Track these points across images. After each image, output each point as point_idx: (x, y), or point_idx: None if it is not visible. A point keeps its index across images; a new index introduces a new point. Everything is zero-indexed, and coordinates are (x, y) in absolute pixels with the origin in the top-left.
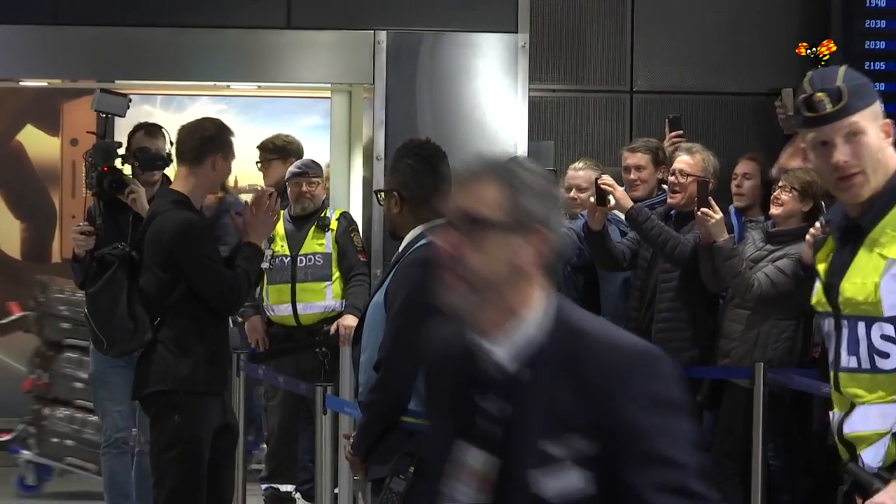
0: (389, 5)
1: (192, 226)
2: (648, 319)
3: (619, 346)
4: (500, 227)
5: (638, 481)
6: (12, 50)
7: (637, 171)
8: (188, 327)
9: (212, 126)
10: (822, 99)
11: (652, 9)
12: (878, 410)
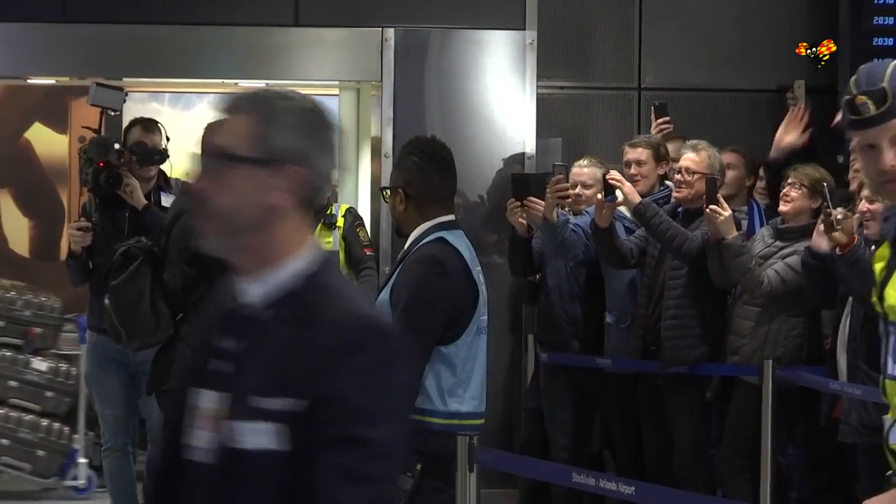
0: (397, 3)
1: None
2: (657, 317)
3: (357, 316)
4: (247, 164)
5: (324, 453)
6: (20, 48)
7: (637, 165)
8: None
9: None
10: (864, 102)
11: (660, 5)
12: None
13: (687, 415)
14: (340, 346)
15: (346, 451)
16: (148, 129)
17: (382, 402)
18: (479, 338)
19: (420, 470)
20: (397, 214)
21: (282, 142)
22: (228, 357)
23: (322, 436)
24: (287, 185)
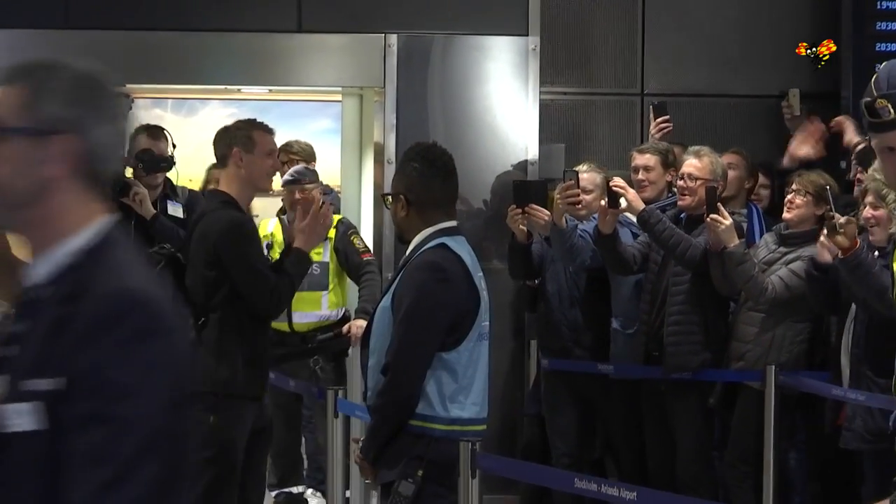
0: (400, 9)
1: (240, 225)
2: (659, 323)
3: (121, 289)
4: (17, 135)
5: (73, 432)
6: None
7: (645, 171)
8: (230, 330)
9: (235, 124)
10: (884, 105)
11: (662, 11)
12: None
13: (690, 420)
14: (98, 319)
15: (94, 429)
16: (154, 136)
17: (135, 378)
18: (480, 344)
19: (422, 476)
20: (399, 220)
21: (52, 111)
22: (15, 341)
23: (73, 414)
24: (60, 155)
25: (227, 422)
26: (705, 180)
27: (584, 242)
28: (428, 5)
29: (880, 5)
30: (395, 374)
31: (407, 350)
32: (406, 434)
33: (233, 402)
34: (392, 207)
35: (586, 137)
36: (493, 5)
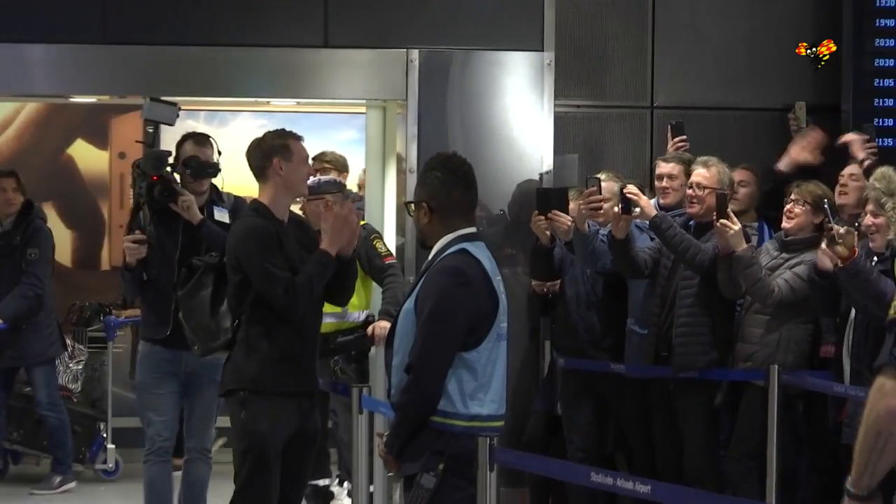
0: (422, 25)
1: (255, 231)
2: (668, 324)
3: None
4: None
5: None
6: (63, 68)
7: (669, 179)
8: (258, 329)
9: (268, 136)
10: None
11: (672, 27)
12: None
13: (697, 418)
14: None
15: None
16: (200, 143)
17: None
18: (499, 344)
19: (443, 469)
20: (421, 227)
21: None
22: None
23: None
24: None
25: (254, 416)
26: (713, 189)
27: (605, 247)
28: (448, 22)
29: (879, 23)
30: (418, 373)
31: (429, 350)
32: (428, 430)
33: (260, 398)
34: (415, 214)
35: (599, 148)
36: (510, 22)
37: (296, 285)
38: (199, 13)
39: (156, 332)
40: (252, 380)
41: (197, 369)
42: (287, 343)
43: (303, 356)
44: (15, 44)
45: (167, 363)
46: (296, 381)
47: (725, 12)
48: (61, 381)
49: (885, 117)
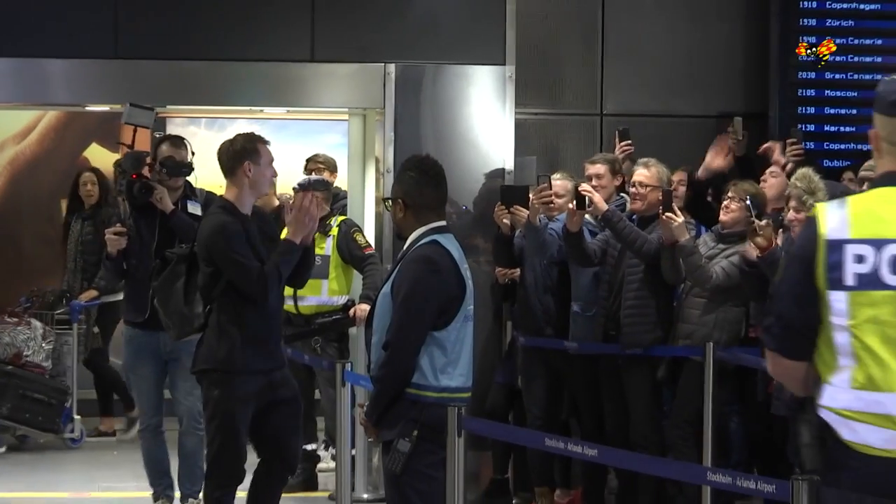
0: (398, 42)
1: (223, 227)
2: (617, 306)
3: None
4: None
5: None
6: (80, 80)
7: (597, 178)
8: (229, 314)
9: (239, 139)
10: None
11: (619, 45)
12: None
13: (642, 389)
14: None
15: None
16: (176, 144)
17: None
18: (466, 324)
19: (416, 436)
20: (397, 221)
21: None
22: None
23: None
24: None
25: (227, 395)
26: (654, 187)
27: (553, 239)
28: (421, 39)
29: (802, 39)
30: (394, 350)
31: (404, 329)
32: (403, 400)
33: (232, 378)
34: (391, 209)
35: (554, 151)
36: (476, 40)
37: (265, 273)
38: (201, 32)
39: (135, 315)
40: (223, 360)
41: (176, 348)
42: (255, 326)
43: (269, 337)
44: (38, 58)
45: (147, 344)
46: (264, 359)
47: (666, 32)
48: (35, 360)
49: (807, 123)
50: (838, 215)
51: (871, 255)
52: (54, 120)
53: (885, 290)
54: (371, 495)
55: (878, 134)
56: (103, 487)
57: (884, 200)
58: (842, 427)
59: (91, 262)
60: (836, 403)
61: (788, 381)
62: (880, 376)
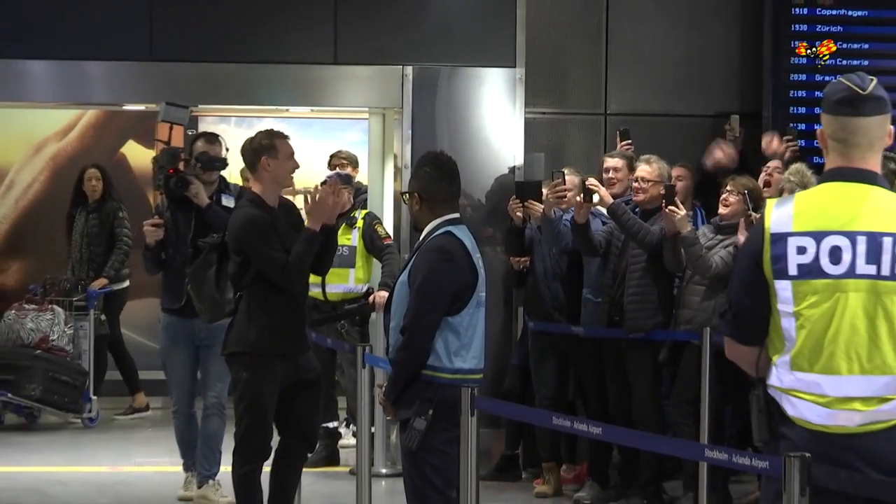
0: (415, 45)
1: (251, 220)
2: (620, 293)
3: None
4: None
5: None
6: (118, 81)
7: (615, 171)
8: (257, 300)
9: (258, 136)
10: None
11: (622, 49)
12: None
13: (644, 371)
14: None
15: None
16: (210, 141)
17: None
18: (478, 310)
19: (432, 415)
20: (414, 213)
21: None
22: None
23: None
24: None
25: (255, 377)
26: (655, 181)
27: (567, 229)
28: (436, 43)
29: (793, 44)
30: (410, 334)
31: (420, 315)
32: (419, 381)
33: (260, 360)
34: (409, 202)
35: (561, 148)
36: (488, 43)
37: (290, 264)
38: (231, 36)
39: (172, 302)
40: (252, 344)
41: (209, 335)
42: (281, 312)
43: (294, 322)
44: (78, 61)
45: (183, 330)
46: (290, 343)
47: (666, 37)
48: (59, 344)
49: (799, 122)
50: (784, 211)
51: (811, 247)
52: (93, 118)
53: (825, 279)
54: (389, 470)
55: (824, 132)
56: (139, 462)
57: (828, 195)
58: (785, 403)
59: (97, 253)
60: (780, 383)
61: (742, 363)
62: (817, 359)
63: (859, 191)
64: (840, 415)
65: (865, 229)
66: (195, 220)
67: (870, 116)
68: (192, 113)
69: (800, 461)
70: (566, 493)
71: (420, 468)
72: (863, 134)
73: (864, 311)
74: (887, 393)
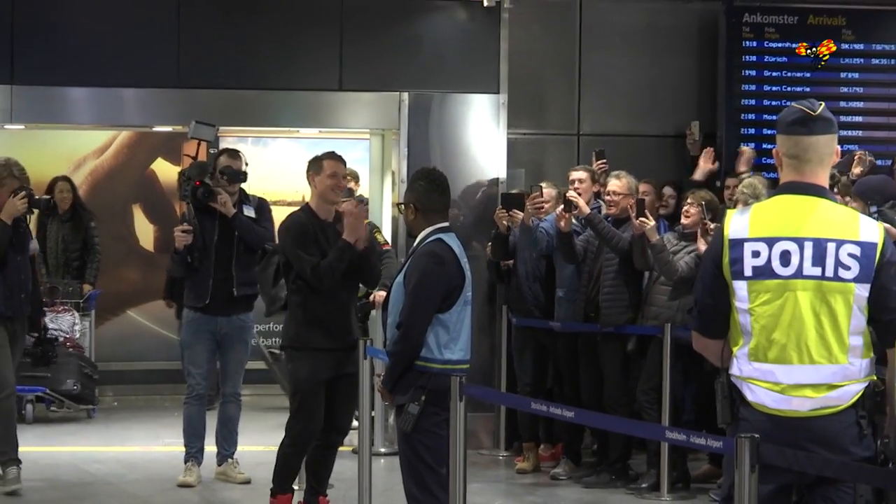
0: (411, 75)
1: (291, 225)
2: (595, 292)
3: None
4: None
5: None
6: (148, 105)
7: (579, 182)
8: (297, 298)
9: (316, 155)
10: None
11: (593, 76)
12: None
13: (615, 361)
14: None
15: None
16: (233, 156)
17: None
18: (465, 308)
19: (424, 400)
20: (409, 222)
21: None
22: None
23: None
24: None
25: (296, 367)
26: (625, 194)
27: (542, 236)
28: (429, 73)
29: (744, 73)
30: (405, 329)
31: (414, 312)
32: (413, 370)
33: (302, 353)
34: (404, 212)
35: (539, 165)
36: (475, 73)
37: (319, 266)
38: (249, 65)
39: (197, 301)
40: (292, 338)
41: (229, 331)
42: (317, 310)
43: (333, 320)
44: (113, 88)
45: (206, 325)
46: (328, 339)
47: (632, 66)
48: (81, 343)
49: (749, 141)
50: (742, 219)
51: (764, 251)
52: (127, 139)
53: (776, 279)
54: (387, 449)
55: (779, 151)
56: (167, 443)
57: (780, 205)
58: (745, 390)
59: (73, 258)
60: (740, 372)
61: (708, 354)
62: (772, 351)
63: (809, 202)
64: (793, 400)
65: (812, 235)
66: (219, 227)
67: (820, 135)
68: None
69: (749, 441)
70: (544, 469)
71: (414, 448)
72: (813, 150)
73: (811, 308)
74: (835, 381)
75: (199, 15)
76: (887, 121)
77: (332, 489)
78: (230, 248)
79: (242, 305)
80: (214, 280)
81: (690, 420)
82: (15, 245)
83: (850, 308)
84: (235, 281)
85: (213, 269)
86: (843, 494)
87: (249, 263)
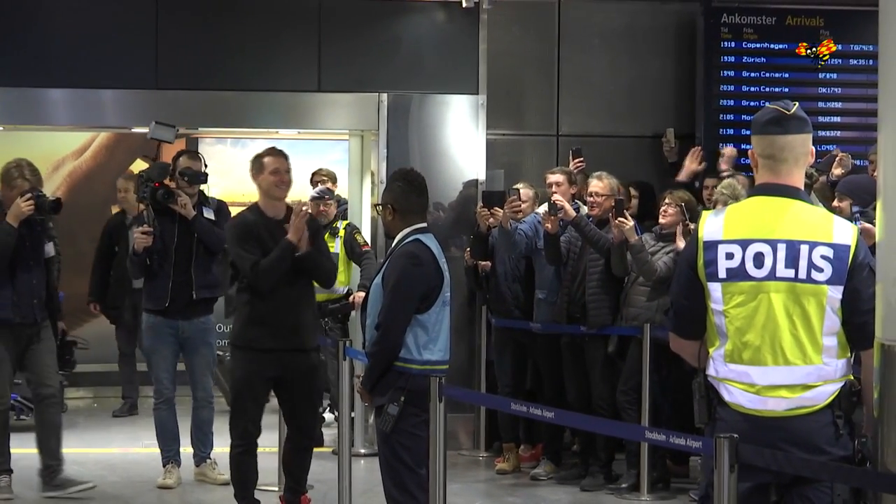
0: (389, 76)
1: (234, 223)
2: (581, 293)
3: None
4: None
5: None
6: (127, 107)
7: (557, 186)
8: (242, 297)
9: (256, 154)
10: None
11: (572, 77)
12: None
13: (601, 362)
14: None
15: None
16: (192, 157)
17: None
18: (444, 308)
19: (403, 401)
20: (387, 223)
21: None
22: None
23: None
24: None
25: (234, 365)
26: (607, 195)
27: (521, 237)
28: (408, 74)
29: (723, 74)
30: (384, 330)
31: (393, 313)
32: (393, 371)
33: (241, 352)
34: (382, 213)
35: (518, 165)
36: (454, 73)
37: (259, 265)
38: (227, 67)
39: (155, 304)
40: (235, 336)
41: (191, 335)
42: (262, 309)
43: (280, 320)
44: (91, 89)
45: (166, 329)
46: (271, 339)
47: (610, 67)
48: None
49: (728, 141)
50: (716, 221)
51: (738, 253)
52: (105, 140)
53: (749, 281)
54: (367, 450)
55: (754, 152)
56: (146, 444)
57: (754, 207)
58: (722, 390)
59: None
60: (717, 373)
61: (685, 354)
62: (746, 352)
63: (782, 204)
64: (769, 401)
65: (785, 237)
66: (178, 229)
67: (795, 134)
68: (193, 135)
69: (729, 441)
70: (524, 470)
71: (393, 448)
72: (789, 150)
73: (785, 309)
74: (809, 381)
75: (178, 16)
76: (864, 121)
77: (312, 490)
78: (189, 250)
79: (202, 308)
80: (174, 283)
81: (669, 419)
82: (27, 248)
83: (824, 309)
84: (195, 283)
85: (173, 272)
86: (820, 494)
87: (209, 266)
